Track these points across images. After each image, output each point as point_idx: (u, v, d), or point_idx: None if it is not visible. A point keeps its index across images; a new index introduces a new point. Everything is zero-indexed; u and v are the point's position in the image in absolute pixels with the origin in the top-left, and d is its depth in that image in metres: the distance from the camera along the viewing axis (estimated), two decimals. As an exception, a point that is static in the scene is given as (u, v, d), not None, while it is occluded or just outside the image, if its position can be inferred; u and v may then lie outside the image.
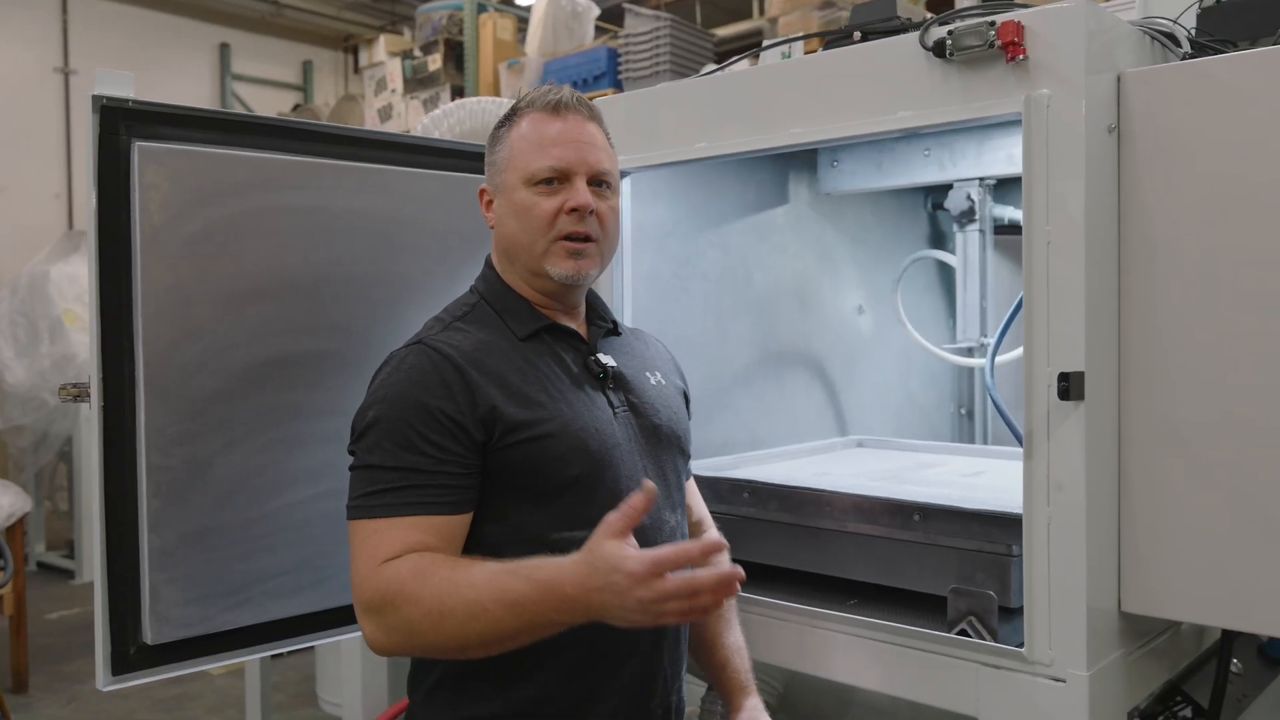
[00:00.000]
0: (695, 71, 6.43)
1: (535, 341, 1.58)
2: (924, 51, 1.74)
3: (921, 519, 1.88)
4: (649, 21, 6.53)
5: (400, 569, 1.35)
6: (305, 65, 10.49)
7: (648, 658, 1.56)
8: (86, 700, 4.64)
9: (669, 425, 1.67)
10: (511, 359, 1.53)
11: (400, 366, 1.49)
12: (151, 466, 1.64)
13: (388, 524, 1.39)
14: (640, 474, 1.56)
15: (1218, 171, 1.59)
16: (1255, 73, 1.56)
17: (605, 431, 1.54)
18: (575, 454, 1.49)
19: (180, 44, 9.47)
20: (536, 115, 1.58)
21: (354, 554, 1.41)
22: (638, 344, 1.77)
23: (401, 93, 8.18)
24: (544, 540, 1.44)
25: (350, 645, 2.86)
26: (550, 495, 1.48)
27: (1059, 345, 1.61)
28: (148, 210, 1.64)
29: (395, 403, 1.44)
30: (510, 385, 1.48)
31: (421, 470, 1.41)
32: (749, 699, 1.73)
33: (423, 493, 1.41)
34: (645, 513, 1.31)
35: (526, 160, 1.56)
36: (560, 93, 1.59)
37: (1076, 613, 1.61)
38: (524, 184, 1.56)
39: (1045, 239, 1.62)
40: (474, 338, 1.53)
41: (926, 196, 3.08)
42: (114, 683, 1.64)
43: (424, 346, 1.50)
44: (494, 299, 1.61)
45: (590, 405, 1.55)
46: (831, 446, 2.69)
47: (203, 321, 1.69)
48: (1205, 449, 1.61)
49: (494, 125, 1.68)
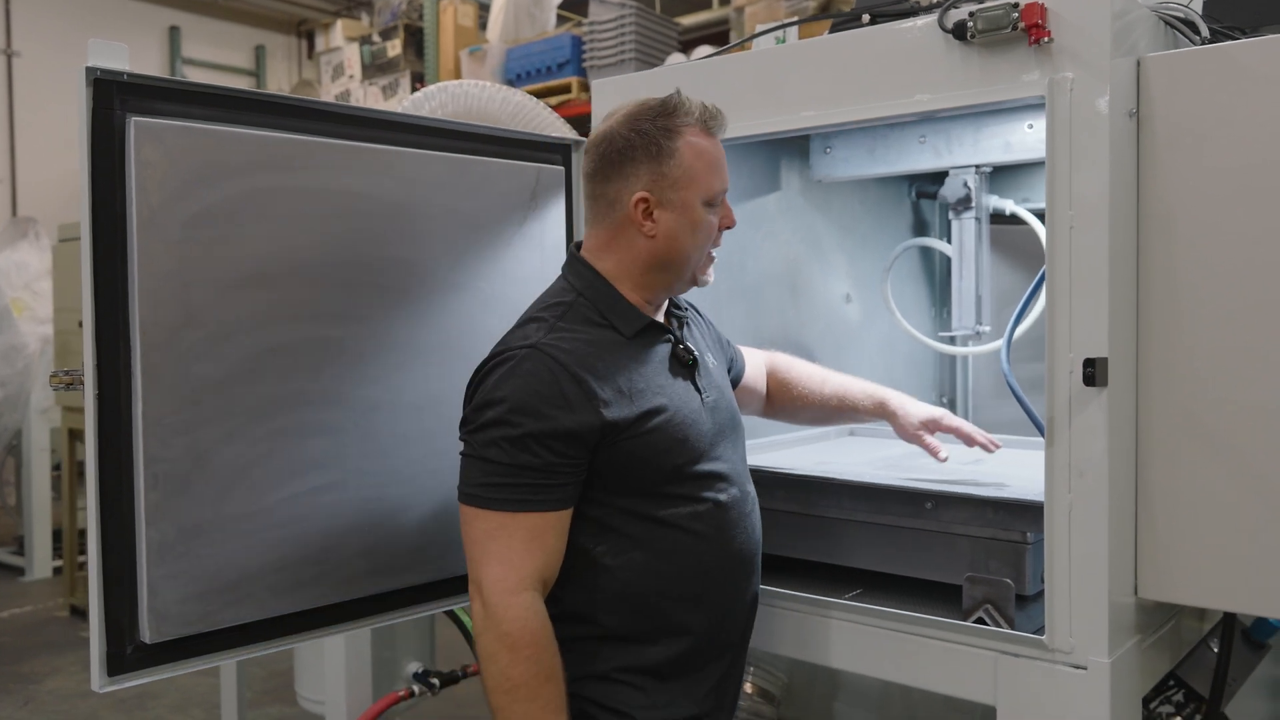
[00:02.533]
0: (661, 60, 6.40)
1: (640, 339, 1.66)
2: (943, 34, 1.72)
3: (934, 507, 1.87)
4: (614, 9, 6.48)
5: (539, 631, 1.53)
6: (258, 50, 10.27)
7: (737, 652, 1.76)
8: (44, 701, 4.50)
9: (729, 406, 1.78)
10: (620, 359, 1.61)
11: (517, 370, 1.55)
12: (149, 457, 1.57)
13: (509, 521, 1.53)
14: (724, 456, 1.70)
15: (1238, 156, 1.59)
16: (1277, 58, 1.56)
17: (700, 420, 1.67)
18: (678, 445, 1.61)
19: (128, 26, 9.20)
20: (698, 132, 1.64)
21: (475, 539, 1.55)
22: (696, 326, 1.85)
23: (360, 79, 8.04)
24: (650, 517, 1.61)
25: (333, 642, 2.79)
26: (655, 482, 1.61)
27: (1081, 331, 1.60)
28: (144, 190, 1.56)
29: (514, 408, 1.53)
30: (621, 385, 1.59)
31: (536, 469, 1.53)
32: (888, 402, 2.01)
33: (538, 491, 1.53)
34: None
35: (709, 182, 1.64)
36: (716, 112, 1.67)
37: (1098, 599, 1.61)
38: (703, 203, 1.64)
39: (1068, 224, 1.61)
40: (581, 338, 1.60)
41: (911, 185, 3.08)
42: (110, 684, 1.57)
43: (540, 352, 1.56)
44: (596, 298, 1.66)
45: (688, 396, 1.67)
46: (825, 435, 2.67)
47: (202, 307, 1.62)
48: (1223, 434, 1.62)
49: (634, 124, 1.64)
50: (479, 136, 1.99)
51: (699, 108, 1.65)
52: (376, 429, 1.83)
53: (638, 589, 1.62)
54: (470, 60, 7.14)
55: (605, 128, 1.66)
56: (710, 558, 1.66)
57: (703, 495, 1.65)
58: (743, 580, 1.73)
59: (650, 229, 1.63)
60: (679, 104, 1.64)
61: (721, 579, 1.68)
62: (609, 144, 1.64)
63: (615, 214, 1.65)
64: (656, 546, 1.62)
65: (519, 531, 1.53)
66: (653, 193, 1.62)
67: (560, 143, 2.16)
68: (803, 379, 2.09)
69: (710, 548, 1.66)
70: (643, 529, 1.61)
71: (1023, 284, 2.80)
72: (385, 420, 1.84)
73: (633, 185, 1.62)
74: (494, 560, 1.53)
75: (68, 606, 5.89)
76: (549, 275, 2.08)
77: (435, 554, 1.93)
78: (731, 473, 1.72)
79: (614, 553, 1.61)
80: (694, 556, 1.64)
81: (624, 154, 1.62)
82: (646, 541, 1.62)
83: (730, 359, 1.99)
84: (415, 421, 1.88)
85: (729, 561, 1.69)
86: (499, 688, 1.51)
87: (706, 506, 1.65)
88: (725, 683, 1.75)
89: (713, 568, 1.66)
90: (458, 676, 2.91)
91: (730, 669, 1.75)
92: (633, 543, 1.62)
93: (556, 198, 2.12)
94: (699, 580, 1.65)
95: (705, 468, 1.66)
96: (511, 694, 1.50)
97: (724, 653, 1.72)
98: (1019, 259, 2.85)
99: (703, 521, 1.65)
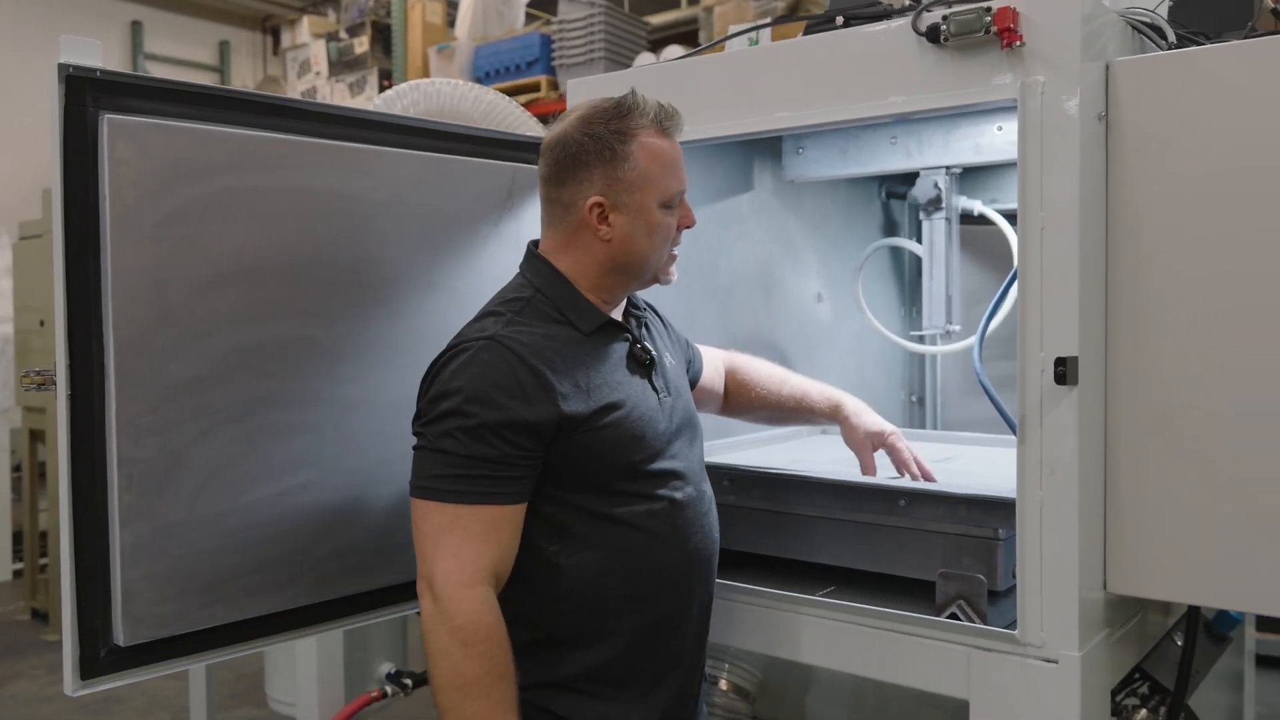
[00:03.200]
0: (630, 59, 6.41)
1: (597, 336, 1.65)
2: (916, 37, 1.74)
3: (908, 504, 1.89)
4: (583, 8, 6.47)
5: (493, 627, 1.50)
6: (222, 45, 10.14)
7: (694, 659, 1.74)
8: (6, 706, 4.43)
9: (686, 407, 1.78)
10: (578, 354, 1.61)
11: (475, 360, 1.53)
12: (123, 458, 1.56)
13: (463, 511, 1.50)
14: (680, 455, 1.69)
15: (1202, 161, 1.62)
16: (1243, 63, 1.60)
17: (657, 419, 1.66)
18: (634, 441, 1.61)
19: (88, 20, 9.05)
20: (653, 134, 1.63)
21: (427, 533, 1.52)
22: (654, 326, 1.83)
23: (326, 75, 7.99)
24: (605, 515, 1.60)
25: (305, 643, 2.77)
26: (610, 478, 1.60)
27: (1053, 330, 1.63)
28: (118, 187, 1.54)
29: (470, 398, 1.51)
30: (579, 380, 1.58)
31: (492, 461, 1.50)
32: (843, 406, 2.05)
33: (493, 483, 1.51)
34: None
35: (664, 184, 1.63)
36: (672, 112, 1.66)
37: (1069, 594, 1.64)
38: (659, 206, 1.63)
39: (1039, 225, 1.64)
40: (539, 332, 1.59)
41: (881, 186, 3.11)
42: (84, 687, 1.56)
43: (497, 344, 1.55)
44: (555, 295, 1.64)
45: (644, 395, 1.67)
46: (798, 433, 2.69)
47: (177, 305, 1.61)
48: (1188, 434, 1.65)
49: (587, 127, 1.62)
50: (455, 136, 1.99)
51: (654, 108, 1.64)
52: (353, 428, 1.82)
53: (591, 590, 1.60)
54: (438, 58, 7.11)
55: (559, 130, 1.65)
56: (665, 557, 1.64)
57: (658, 493, 1.63)
58: (697, 582, 1.70)
59: (606, 233, 1.62)
60: (634, 105, 1.63)
61: (676, 579, 1.66)
62: (562, 148, 1.62)
63: (570, 217, 1.64)
64: (611, 545, 1.60)
65: (473, 525, 1.50)
66: (607, 197, 1.61)
67: (536, 142, 2.16)
68: (761, 380, 2.10)
69: (665, 547, 1.64)
70: (597, 528, 1.59)
71: (990, 284, 2.84)
72: (362, 419, 1.83)
73: (586, 190, 1.61)
74: (447, 554, 1.50)
75: (29, 610, 5.80)
76: (525, 275, 2.08)
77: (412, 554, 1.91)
78: (688, 471, 1.70)
79: (567, 552, 1.60)
80: (648, 556, 1.62)
81: (577, 158, 1.61)
82: (600, 540, 1.60)
83: (689, 359, 1.98)
84: (392, 421, 1.87)
85: (684, 561, 1.67)
86: (450, 684, 1.47)
87: (662, 505, 1.64)
88: (684, 696, 1.72)
89: (667, 567, 1.64)
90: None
91: (688, 678, 1.72)
92: (586, 542, 1.60)
93: (532, 197, 2.11)
94: (653, 580, 1.63)
95: (661, 465, 1.65)
96: (463, 690, 1.46)
97: (679, 659, 1.69)
98: (986, 259, 2.89)
99: (658, 520, 1.63)
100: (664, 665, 1.67)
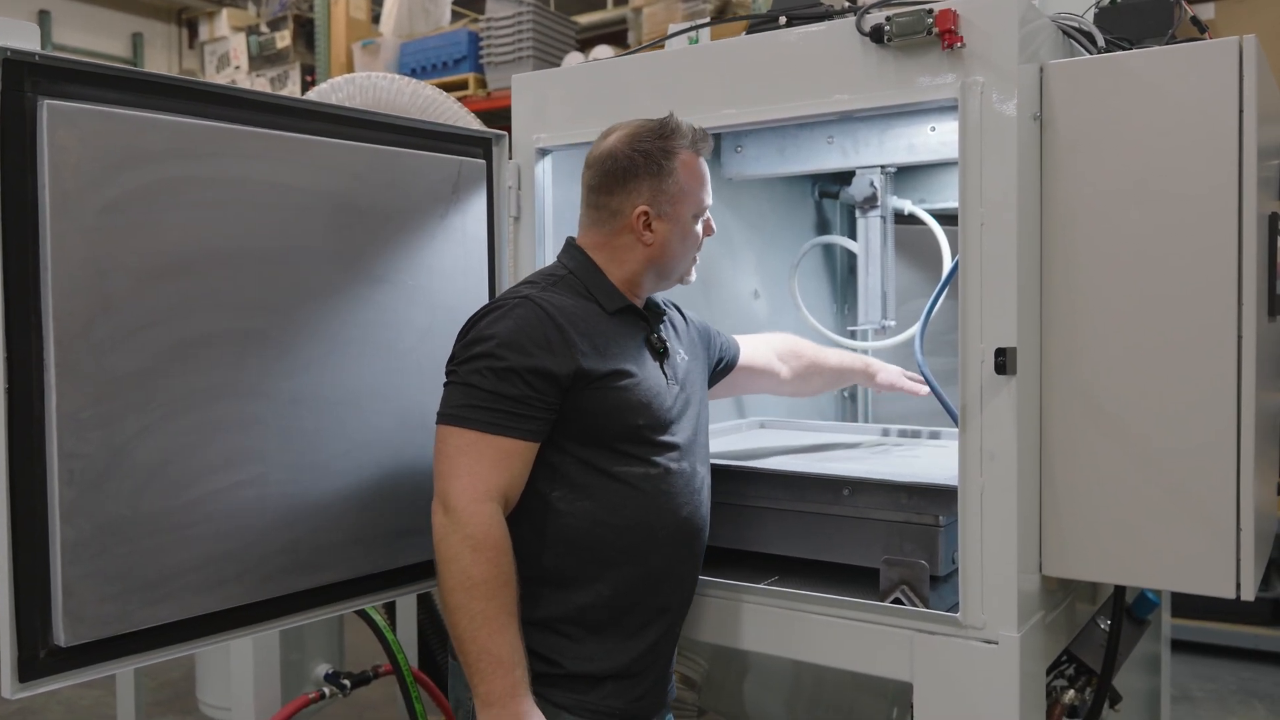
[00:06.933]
0: (559, 58, 6.40)
1: (618, 316, 1.82)
2: (860, 36, 1.79)
3: (851, 493, 1.93)
4: (511, 6, 6.45)
5: (500, 539, 1.64)
6: (135, 38, 9.84)
7: (674, 620, 1.87)
8: (-89, 720, 4.24)
9: (698, 403, 1.93)
10: (600, 326, 1.78)
11: (509, 314, 1.71)
12: (64, 453, 1.51)
13: (481, 440, 1.65)
14: (682, 435, 1.83)
15: (1130, 158, 1.70)
16: (1168, 68, 1.67)
17: (664, 396, 1.82)
18: (642, 407, 1.76)
19: (-8, 9, 8.73)
20: (690, 154, 1.83)
21: (447, 454, 1.67)
22: (676, 325, 2.00)
23: (246, 70, 7.82)
24: (605, 470, 1.74)
25: (240, 644, 2.71)
26: (615, 437, 1.75)
27: (992, 322, 1.69)
28: (58, 175, 1.50)
29: (503, 343, 1.68)
30: (598, 343, 1.75)
31: (514, 399, 1.66)
32: (871, 362, 2.42)
33: (511, 419, 1.66)
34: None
35: (698, 197, 1.85)
36: (705, 135, 1.85)
37: (1008, 577, 1.70)
38: (692, 216, 1.85)
39: (979, 220, 1.70)
40: (568, 302, 1.77)
41: (814, 185, 3.17)
42: (23, 690, 1.51)
43: (531, 302, 1.73)
44: (585, 277, 1.83)
45: (655, 374, 1.83)
46: (737, 428, 2.73)
47: (119, 296, 1.57)
48: (1118, 419, 1.72)
49: (636, 144, 1.80)
50: (401, 128, 1.97)
51: (691, 130, 1.84)
52: (299, 422, 1.80)
53: (583, 535, 1.74)
54: (363, 54, 7.01)
55: (608, 145, 1.83)
56: (656, 519, 1.77)
57: (656, 460, 1.77)
58: (685, 550, 1.83)
59: (649, 238, 1.81)
60: (675, 127, 1.82)
61: (665, 540, 1.79)
62: (613, 160, 1.81)
63: (616, 222, 1.82)
64: (607, 498, 1.74)
65: (489, 450, 1.65)
66: (652, 206, 1.80)
67: (482, 136, 2.16)
68: (810, 351, 2.39)
69: (658, 510, 1.77)
70: (596, 481, 1.74)
71: (919, 282, 2.92)
72: (308, 413, 1.81)
73: (635, 199, 1.80)
74: (463, 472, 1.65)
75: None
76: (471, 268, 2.07)
77: (359, 550, 1.91)
78: (688, 449, 1.84)
79: (567, 500, 1.74)
80: (641, 514, 1.76)
81: (627, 171, 1.80)
82: (599, 492, 1.74)
83: (718, 351, 2.14)
84: (337, 415, 1.86)
85: (674, 527, 1.79)
86: (459, 586, 1.60)
87: (659, 471, 1.77)
88: (661, 648, 1.83)
89: (658, 529, 1.77)
90: (369, 677, 2.87)
91: (666, 634, 1.84)
92: (585, 492, 1.74)
93: (478, 191, 2.12)
94: (643, 538, 1.76)
95: (664, 438, 1.79)
96: (470, 591, 1.60)
97: (661, 615, 1.82)
98: (916, 258, 2.97)
99: (653, 483, 1.77)
100: (647, 618, 1.80)
